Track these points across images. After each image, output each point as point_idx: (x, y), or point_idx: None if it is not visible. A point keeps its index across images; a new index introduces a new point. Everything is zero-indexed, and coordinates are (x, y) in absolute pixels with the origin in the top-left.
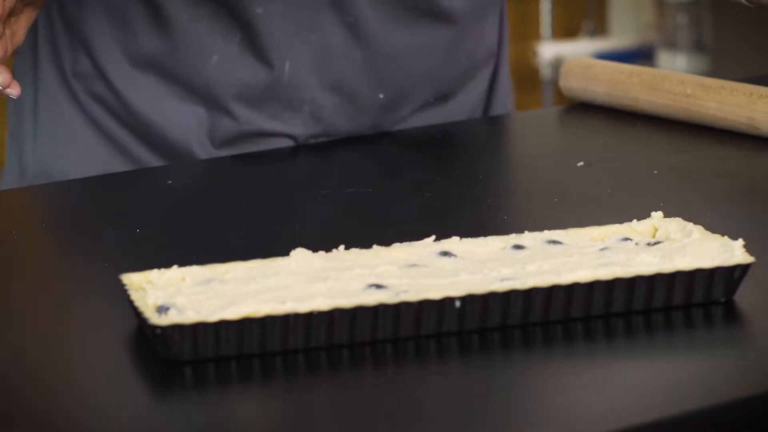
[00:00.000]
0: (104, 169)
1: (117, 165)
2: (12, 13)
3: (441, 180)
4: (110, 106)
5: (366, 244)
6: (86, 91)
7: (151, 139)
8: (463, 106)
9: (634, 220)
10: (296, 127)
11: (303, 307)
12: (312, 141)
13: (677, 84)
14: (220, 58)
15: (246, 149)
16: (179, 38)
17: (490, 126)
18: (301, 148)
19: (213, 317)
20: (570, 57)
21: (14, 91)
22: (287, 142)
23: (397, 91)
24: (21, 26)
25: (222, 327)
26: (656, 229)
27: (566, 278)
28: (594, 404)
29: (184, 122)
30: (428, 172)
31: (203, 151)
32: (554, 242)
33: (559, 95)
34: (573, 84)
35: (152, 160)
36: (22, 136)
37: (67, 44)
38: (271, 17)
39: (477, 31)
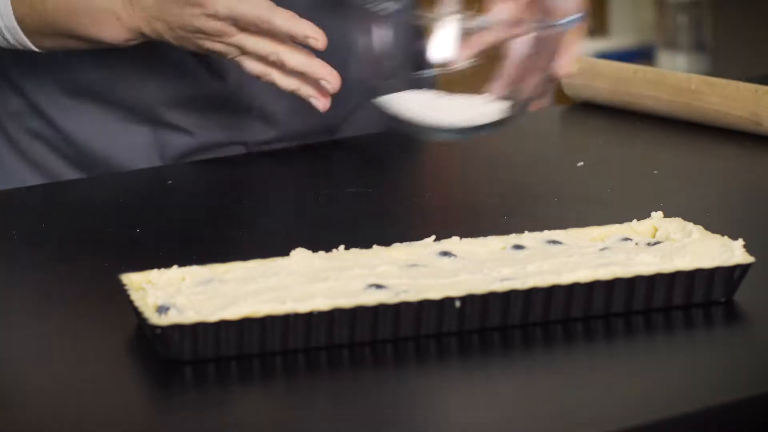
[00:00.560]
0: None
1: None
2: None
3: (441, 180)
4: (49, 142)
5: (366, 244)
6: (21, 128)
7: (97, 168)
8: None
9: (634, 220)
10: (248, 133)
11: (303, 307)
12: (266, 147)
13: (681, 80)
14: (162, 75)
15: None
16: (117, 63)
17: None
18: (301, 148)
19: (213, 317)
20: None
21: None
22: (240, 150)
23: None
24: None
25: (222, 327)
26: (656, 229)
27: (566, 278)
28: (594, 404)
29: (130, 146)
30: (428, 171)
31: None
32: (554, 242)
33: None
34: (575, 82)
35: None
36: None
37: None
38: None
39: None
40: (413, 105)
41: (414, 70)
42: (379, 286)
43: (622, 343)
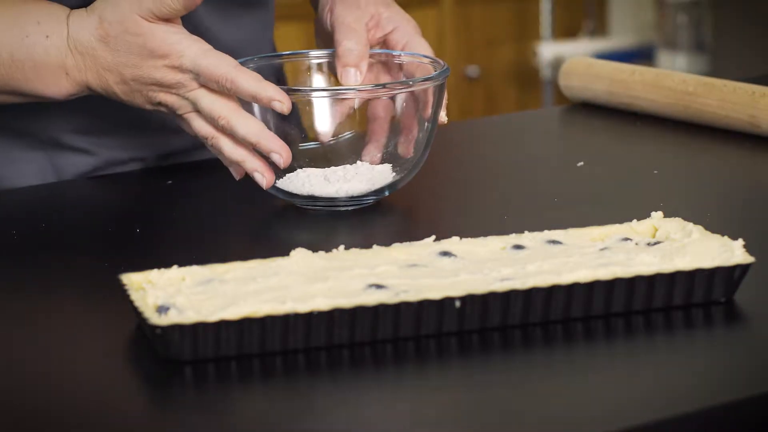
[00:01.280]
0: None
1: None
2: None
3: (441, 180)
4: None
5: (366, 244)
6: None
7: None
8: None
9: (634, 220)
10: (145, 149)
11: (303, 307)
12: (164, 163)
13: (679, 82)
14: (61, 105)
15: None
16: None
17: (490, 126)
18: None
19: (213, 317)
20: (570, 57)
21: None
22: (139, 166)
23: None
24: None
25: (222, 327)
26: (656, 229)
27: (566, 278)
28: (594, 404)
29: (24, 170)
30: (428, 171)
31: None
32: (554, 242)
33: (559, 95)
34: (574, 83)
35: None
36: None
37: None
38: None
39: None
40: (305, 182)
41: (294, 146)
42: (379, 286)
43: (622, 343)
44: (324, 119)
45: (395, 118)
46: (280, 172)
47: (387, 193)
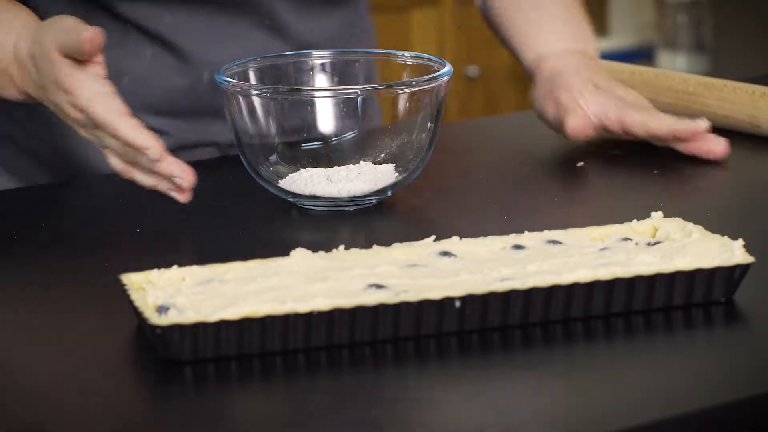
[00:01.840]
0: None
1: None
2: None
3: (441, 180)
4: (13, 138)
5: (366, 244)
6: None
7: (72, 171)
8: None
9: (634, 220)
10: (220, 134)
11: (303, 307)
12: (233, 152)
13: (679, 82)
14: (132, 78)
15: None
16: None
17: (490, 126)
18: None
19: (213, 317)
20: None
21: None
22: (212, 152)
23: None
24: None
25: (222, 327)
26: (656, 229)
27: (566, 278)
28: (594, 404)
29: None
30: (428, 171)
31: None
32: (554, 242)
33: None
34: None
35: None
36: None
37: None
38: (183, 26)
39: (364, 10)
40: (308, 182)
41: (297, 146)
42: (379, 286)
43: (622, 343)
44: (327, 119)
45: (398, 118)
46: (282, 173)
47: (390, 193)
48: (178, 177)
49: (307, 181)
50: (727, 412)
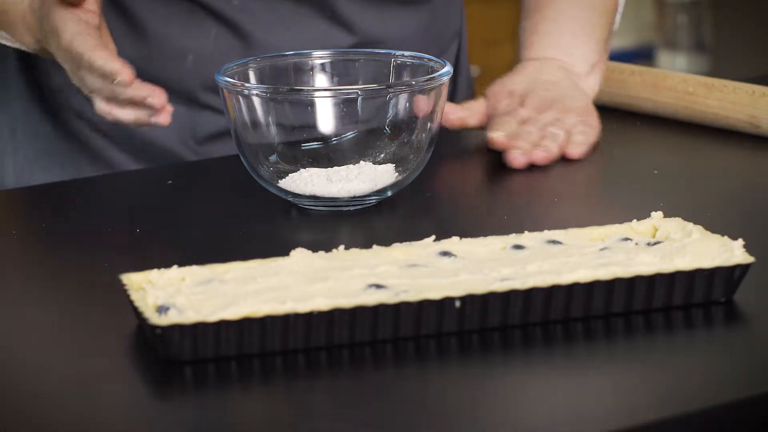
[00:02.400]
0: None
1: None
2: None
3: (441, 180)
4: (89, 118)
5: (366, 244)
6: (64, 104)
7: (134, 144)
8: None
9: (634, 220)
10: None
11: (303, 307)
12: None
13: (679, 82)
14: (195, 56)
15: (229, 143)
16: (153, 42)
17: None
18: None
19: (213, 317)
20: None
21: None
22: None
23: None
24: None
25: (222, 327)
26: (656, 229)
27: (566, 278)
28: (594, 404)
29: (165, 128)
30: (428, 171)
31: (187, 149)
32: (554, 242)
33: None
34: None
35: (135, 167)
36: (1, 155)
37: (40, 59)
38: (248, 8)
39: (446, 11)
40: (308, 182)
41: (297, 145)
42: (379, 286)
43: (622, 343)
44: (327, 119)
45: (398, 119)
46: (282, 173)
47: (390, 193)
48: (149, 97)
49: (307, 181)
50: (727, 412)
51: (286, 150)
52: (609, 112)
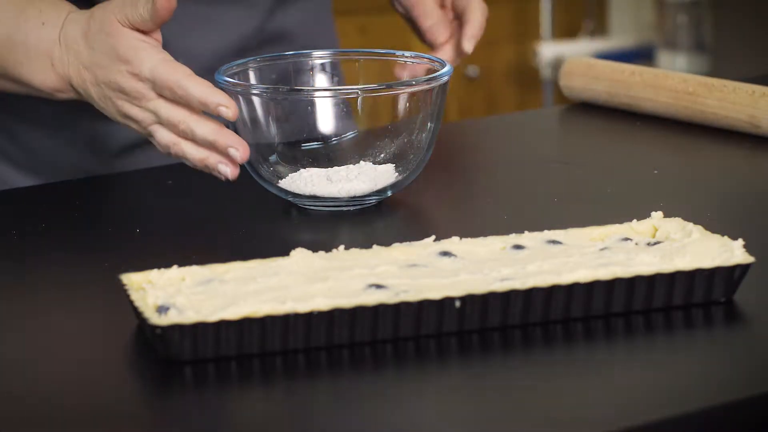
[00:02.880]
0: None
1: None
2: None
3: (441, 180)
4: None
5: (366, 244)
6: None
7: (35, 163)
8: None
9: (634, 220)
10: None
11: (303, 307)
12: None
13: (679, 82)
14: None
15: (146, 153)
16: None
17: (490, 126)
18: None
19: (213, 317)
20: (570, 57)
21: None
22: None
23: None
24: None
25: (222, 327)
26: (656, 229)
27: (566, 278)
28: (594, 404)
29: (70, 141)
30: (428, 171)
31: (99, 164)
32: (554, 242)
33: (559, 95)
34: (574, 83)
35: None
36: None
37: None
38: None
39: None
40: (308, 182)
41: (297, 145)
42: (379, 286)
43: (622, 343)
44: (327, 119)
45: (397, 118)
46: (282, 173)
47: (390, 194)
48: (233, 147)
49: (307, 181)
50: (727, 412)
51: (286, 150)
52: (609, 112)
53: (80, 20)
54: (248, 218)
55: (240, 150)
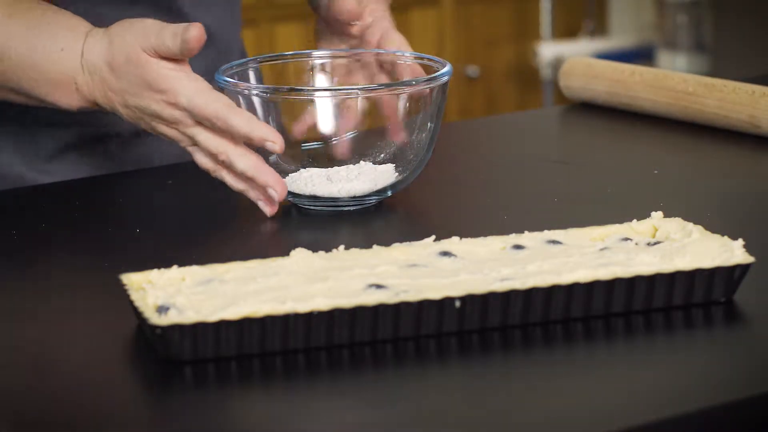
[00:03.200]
0: None
1: None
2: None
3: (441, 180)
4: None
5: (366, 244)
6: None
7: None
8: None
9: (634, 220)
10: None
11: (303, 307)
12: None
13: (679, 82)
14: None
15: (77, 159)
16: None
17: (490, 126)
18: None
19: (213, 317)
20: (570, 57)
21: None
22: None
23: None
24: None
25: (222, 327)
26: (656, 229)
27: (566, 278)
28: (594, 404)
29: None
30: (428, 171)
31: (30, 170)
32: (554, 242)
33: (559, 95)
34: (574, 83)
35: None
36: None
37: None
38: (90, 14)
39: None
40: (308, 182)
41: (297, 146)
42: (379, 286)
43: (622, 343)
44: (327, 119)
45: (398, 118)
46: (282, 173)
47: (390, 194)
48: (271, 187)
49: (307, 181)
50: (727, 412)
51: (286, 150)
52: (609, 112)
53: (101, 48)
54: (248, 218)
55: (278, 190)
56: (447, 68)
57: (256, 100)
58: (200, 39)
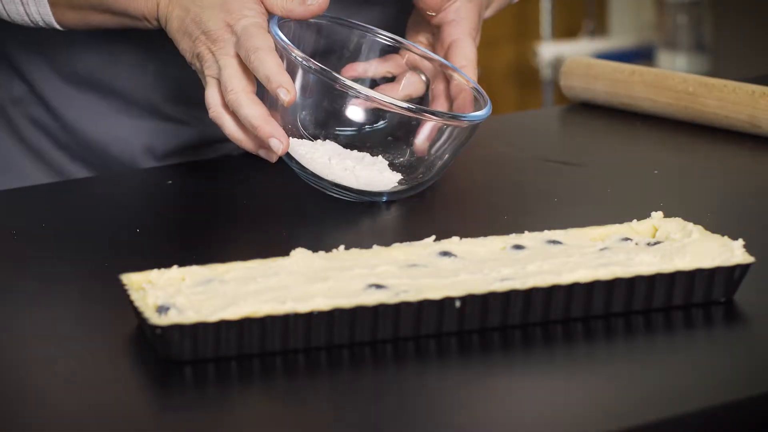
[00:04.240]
0: None
1: None
2: None
3: (441, 180)
4: (49, 130)
5: (366, 244)
6: (25, 116)
7: (93, 158)
8: None
9: (634, 220)
10: None
11: (303, 307)
12: None
13: (679, 82)
14: (155, 70)
15: (189, 158)
16: (113, 51)
17: (490, 126)
18: None
19: (213, 317)
20: (570, 57)
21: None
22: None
23: None
24: None
25: (222, 327)
26: (656, 229)
27: (566, 278)
28: (594, 404)
29: (126, 136)
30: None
31: (147, 163)
32: (554, 242)
33: (559, 95)
34: (574, 83)
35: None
36: None
37: (0, 71)
38: None
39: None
40: (318, 157)
41: (329, 127)
42: (379, 286)
43: (622, 343)
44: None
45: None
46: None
47: (385, 199)
48: (276, 138)
49: (322, 153)
50: (727, 412)
51: (313, 119)
52: (609, 112)
53: None
54: (248, 218)
55: (283, 142)
56: (487, 108)
57: (300, 72)
58: (322, 7)
